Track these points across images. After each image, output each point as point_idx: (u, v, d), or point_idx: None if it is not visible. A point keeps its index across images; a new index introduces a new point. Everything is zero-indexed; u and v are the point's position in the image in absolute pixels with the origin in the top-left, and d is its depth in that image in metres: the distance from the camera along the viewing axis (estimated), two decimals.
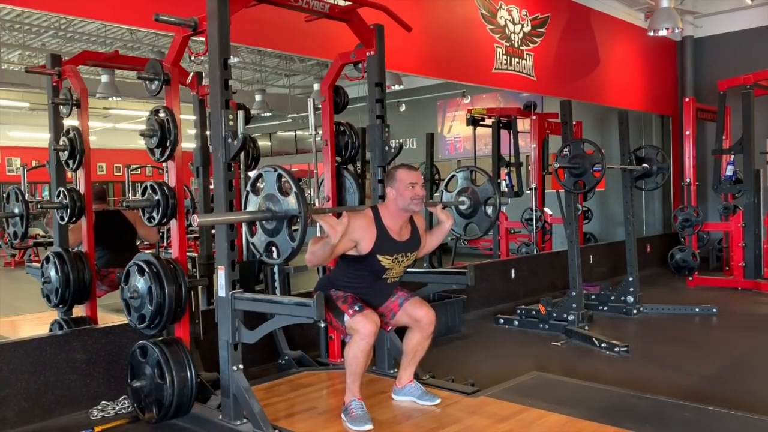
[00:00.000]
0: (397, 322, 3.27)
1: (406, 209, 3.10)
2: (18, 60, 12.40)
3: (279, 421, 3.02)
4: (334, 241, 2.84)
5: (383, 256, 3.07)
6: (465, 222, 4.02)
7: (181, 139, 3.36)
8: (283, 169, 2.79)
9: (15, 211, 4.15)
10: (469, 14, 6.55)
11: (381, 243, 3.05)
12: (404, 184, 3.07)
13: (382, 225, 3.09)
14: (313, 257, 2.95)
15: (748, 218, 7.08)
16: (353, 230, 2.98)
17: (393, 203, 3.11)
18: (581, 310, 5.20)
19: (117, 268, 4.67)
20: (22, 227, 4.11)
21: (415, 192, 3.07)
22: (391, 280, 3.18)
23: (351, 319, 2.95)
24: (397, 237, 3.12)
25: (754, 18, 9.20)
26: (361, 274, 3.12)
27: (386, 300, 3.24)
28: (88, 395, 3.52)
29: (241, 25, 3.32)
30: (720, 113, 7.51)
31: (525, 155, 9.32)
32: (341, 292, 3.10)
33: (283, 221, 2.79)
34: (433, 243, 3.39)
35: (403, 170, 3.11)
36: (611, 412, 3.09)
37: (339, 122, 4.18)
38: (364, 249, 3.03)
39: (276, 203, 2.80)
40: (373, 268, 3.09)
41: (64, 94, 4.15)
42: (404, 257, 3.16)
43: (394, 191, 3.09)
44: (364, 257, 3.05)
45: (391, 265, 3.11)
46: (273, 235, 2.83)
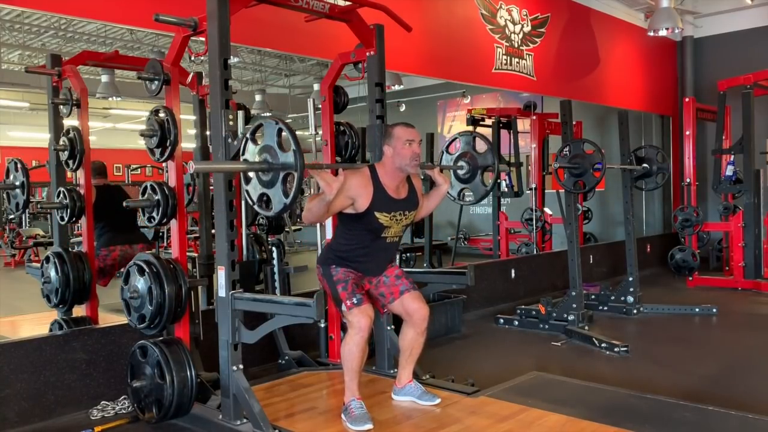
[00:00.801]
0: (392, 309, 3.27)
1: (403, 168, 3.08)
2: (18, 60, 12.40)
3: (279, 421, 3.02)
4: (329, 197, 2.83)
5: (381, 214, 3.05)
6: (461, 187, 3.97)
7: (181, 139, 3.36)
8: (284, 123, 2.74)
9: (16, 183, 4.15)
10: (469, 14, 6.55)
11: (378, 200, 3.04)
12: (401, 141, 3.05)
13: (378, 182, 3.07)
14: (310, 214, 2.93)
15: (748, 218, 7.08)
16: (350, 187, 2.97)
17: (390, 161, 3.09)
18: (581, 310, 5.20)
19: (117, 246, 4.63)
20: (24, 195, 4.11)
21: (413, 150, 3.05)
22: (390, 239, 3.16)
23: (348, 312, 2.97)
24: (394, 195, 3.10)
25: (754, 18, 9.20)
26: (359, 233, 3.10)
27: (390, 276, 3.21)
28: (88, 395, 3.52)
29: (241, 25, 3.32)
30: (720, 113, 7.51)
31: (525, 155, 9.32)
32: (342, 270, 3.08)
33: (278, 174, 2.73)
34: (430, 206, 3.38)
35: (401, 127, 3.10)
36: (611, 412, 3.09)
37: (339, 122, 4.18)
38: (361, 206, 3.01)
39: (273, 156, 2.74)
40: (371, 226, 3.06)
41: (64, 94, 4.15)
42: (402, 215, 3.13)
43: (391, 149, 3.07)
44: (362, 215, 3.03)
45: (389, 222, 3.09)
46: (268, 186, 2.77)
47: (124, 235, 4.66)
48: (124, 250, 4.63)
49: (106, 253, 4.59)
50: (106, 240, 4.59)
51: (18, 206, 4.19)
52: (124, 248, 4.63)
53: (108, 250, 4.60)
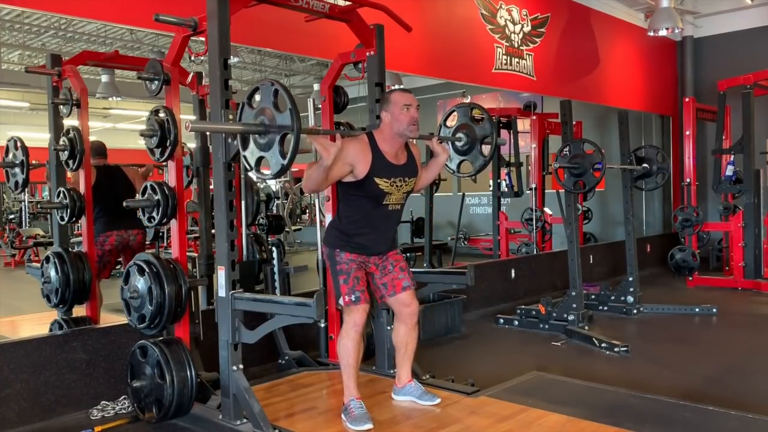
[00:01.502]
0: (389, 302, 3.26)
1: (401, 134, 3.07)
2: (18, 60, 12.40)
3: (279, 421, 3.02)
4: (327, 162, 2.82)
5: (381, 179, 3.03)
6: (460, 159, 3.95)
7: (181, 139, 3.36)
8: (280, 85, 2.73)
9: (15, 161, 4.15)
10: (469, 14, 6.55)
11: (377, 166, 3.02)
12: (399, 107, 3.04)
13: (377, 148, 3.06)
14: (309, 181, 2.92)
15: (748, 218, 7.08)
16: (347, 153, 2.96)
17: (388, 128, 3.08)
18: (581, 310, 5.20)
19: (114, 231, 4.62)
20: (23, 174, 4.11)
21: (411, 114, 3.04)
22: (392, 206, 3.14)
23: (345, 306, 3.00)
24: (394, 161, 3.09)
25: (754, 18, 9.20)
26: (361, 202, 3.08)
27: (395, 264, 3.20)
28: (88, 395, 3.52)
29: (241, 25, 3.32)
30: (720, 113, 7.51)
31: (525, 155, 9.32)
32: (345, 256, 3.07)
33: (275, 136, 2.72)
34: (429, 176, 3.38)
35: (398, 93, 3.09)
36: (611, 412, 3.09)
37: (339, 122, 4.18)
38: (361, 172, 3.00)
39: (270, 118, 2.73)
40: (371, 193, 3.05)
41: (64, 94, 4.15)
42: (402, 182, 3.12)
43: (389, 114, 3.07)
44: (361, 182, 3.02)
45: (390, 189, 3.07)
46: (265, 149, 2.77)
47: (121, 219, 4.63)
48: (120, 235, 4.63)
49: (104, 239, 4.56)
50: (102, 225, 4.55)
51: (17, 185, 4.19)
52: (121, 233, 4.63)
53: (105, 236, 4.58)
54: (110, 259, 4.67)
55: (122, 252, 4.73)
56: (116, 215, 4.58)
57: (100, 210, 4.48)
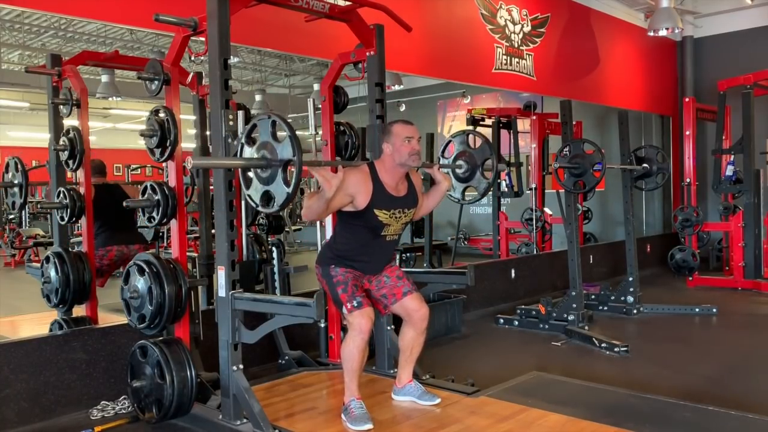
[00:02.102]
0: (394, 310, 3.26)
1: (403, 164, 3.08)
2: (18, 60, 12.40)
3: (279, 421, 3.02)
4: (329, 194, 2.83)
5: (380, 211, 3.04)
6: (463, 186, 3.97)
7: (181, 139, 3.36)
8: (277, 115, 2.73)
9: (14, 181, 4.15)
10: (469, 14, 6.55)
11: (377, 197, 3.03)
12: (400, 139, 3.05)
13: (378, 180, 3.07)
14: (309, 211, 2.93)
15: (748, 218, 7.08)
16: (349, 184, 2.96)
17: (389, 158, 3.09)
18: (581, 310, 5.20)
19: (115, 245, 4.62)
20: (21, 198, 4.11)
21: (412, 146, 3.05)
22: (389, 237, 3.15)
23: (349, 314, 2.97)
24: (394, 192, 3.10)
25: (754, 18, 9.19)
26: (359, 232, 3.09)
27: (392, 276, 3.21)
28: (88, 395, 3.51)
29: (241, 25, 3.32)
30: (720, 113, 7.51)
31: (525, 155, 9.32)
32: (341, 270, 3.07)
33: (278, 168, 2.73)
34: (430, 204, 3.38)
35: (400, 124, 3.10)
36: (611, 412, 3.09)
37: (339, 122, 4.18)
38: (361, 203, 3.01)
39: (271, 151, 2.74)
40: (370, 224, 3.06)
41: (64, 94, 4.15)
42: (402, 213, 3.13)
43: (390, 146, 3.07)
44: (361, 212, 3.03)
45: (389, 220, 3.09)
46: (268, 183, 2.78)
47: (122, 234, 4.65)
48: (120, 250, 4.63)
49: (103, 253, 4.56)
50: (103, 240, 4.57)
51: (14, 205, 4.19)
52: (121, 248, 4.63)
53: (105, 250, 4.58)
54: (109, 270, 4.70)
55: (122, 265, 4.74)
56: (117, 230, 4.63)
57: (100, 226, 4.50)
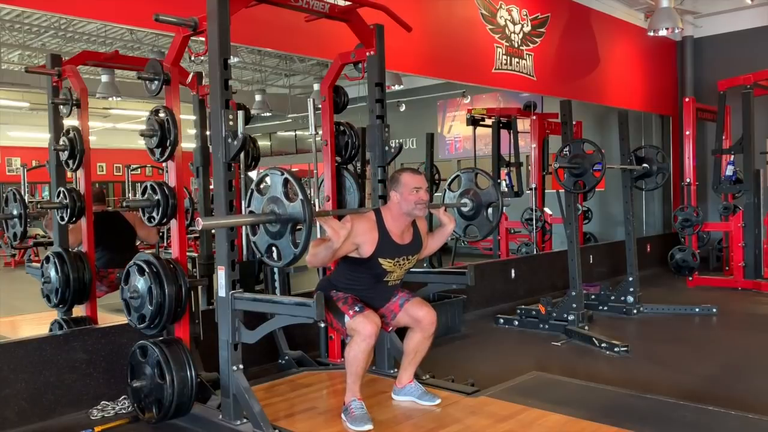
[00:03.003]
0: (398, 323, 3.27)
1: (410, 214, 3.10)
2: (18, 60, 12.39)
3: (279, 421, 3.02)
4: (336, 245, 2.84)
5: (385, 260, 3.07)
6: (465, 224, 3.99)
7: (181, 139, 3.36)
8: (290, 173, 2.75)
9: (14, 212, 4.15)
10: (469, 14, 6.54)
11: (383, 246, 3.05)
12: (408, 189, 3.06)
13: (384, 228, 3.08)
14: (315, 259, 2.94)
15: (748, 218, 7.08)
16: (356, 234, 2.98)
17: (396, 207, 3.10)
18: (581, 310, 5.20)
19: (116, 268, 4.66)
20: (21, 227, 4.11)
21: (420, 197, 3.07)
22: (392, 282, 3.19)
23: (351, 320, 2.95)
24: (399, 240, 3.12)
25: (754, 18, 9.20)
26: (361, 277, 3.11)
27: (387, 302, 3.24)
28: (88, 395, 3.51)
29: (241, 25, 3.32)
30: (720, 113, 7.51)
31: (525, 155, 9.32)
32: (341, 293, 3.09)
33: (286, 225, 2.76)
34: (434, 246, 3.39)
35: (408, 174, 3.11)
36: (611, 412, 3.09)
37: (339, 122, 4.18)
38: (366, 252, 3.03)
39: (281, 206, 2.77)
40: (374, 271, 3.09)
41: (64, 94, 4.15)
42: (405, 260, 3.16)
43: (398, 195, 3.08)
44: (365, 260, 3.05)
45: (393, 268, 3.11)
46: (276, 237, 2.82)
47: (122, 257, 4.70)
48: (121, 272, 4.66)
49: (104, 275, 4.65)
50: (104, 263, 4.66)
51: (16, 236, 4.18)
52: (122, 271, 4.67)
53: (106, 272, 4.67)
54: (108, 291, 4.74)
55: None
56: (117, 253, 4.69)
57: (101, 251, 4.56)
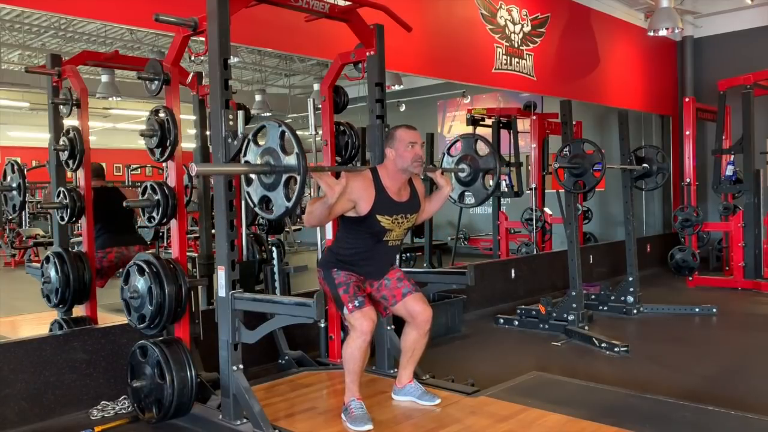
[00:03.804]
0: (395, 311, 3.26)
1: (405, 170, 3.08)
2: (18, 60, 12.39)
3: (279, 421, 3.02)
4: (331, 200, 2.83)
5: (383, 217, 3.05)
6: (462, 189, 3.96)
7: (181, 139, 3.36)
8: (288, 126, 2.74)
9: (12, 184, 4.15)
10: (469, 14, 6.54)
11: (380, 203, 3.04)
12: (404, 144, 3.05)
13: (380, 185, 3.07)
14: (311, 217, 2.93)
15: (748, 218, 7.08)
16: (351, 190, 2.97)
17: (392, 164, 3.09)
18: (581, 310, 5.20)
19: (114, 247, 4.62)
20: (21, 197, 4.11)
21: (415, 152, 3.06)
22: (392, 242, 3.16)
23: (350, 315, 2.97)
24: (396, 197, 3.10)
25: (754, 18, 9.20)
26: (361, 237, 3.10)
27: (392, 278, 3.21)
28: (88, 395, 3.51)
29: (241, 25, 3.32)
30: (720, 113, 7.51)
31: (525, 155, 9.32)
32: (343, 274, 3.07)
33: (281, 177, 2.73)
34: (431, 209, 3.38)
35: (403, 129, 3.10)
36: (611, 412, 3.09)
37: (339, 122, 4.18)
38: (363, 209, 3.01)
39: (276, 158, 2.74)
40: (373, 230, 3.07)
41: (64, 94, 4.15)
42: (404, 218, 3.13)
43: (393, 151, 3.08)
44: (363, 218, 3.03)
45: (391, 226, 3.09)
46: (269, 189, 2.78)
47: (121, 236, 4.66)
48: (120, 252, 4.63)
49: (103, 255, 4.57)
50: (102, 242, 4.57)
51: (15, 208, 4.19)
52: (121, 250, 4.64)
53: (104, 252, 4.58)
54: (108, 272, 4.69)
55: (122, 267, 4.74)
56: (116, 232, 4.64)
57: (100, 228, 4.50)
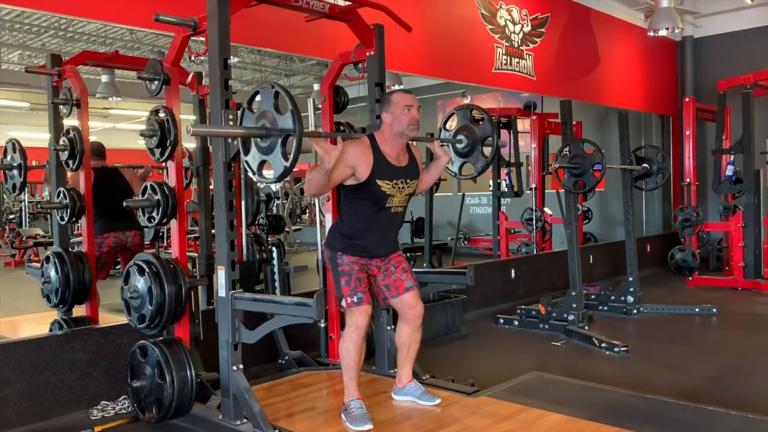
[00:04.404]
0: (393, 304, 3.25)
1: (402, 134, 3.08)
2: (18, 60, 12.40)
3: (279, 421, 3.02)
4: (329, 165, 2.83)
5: (383, 182, 3.04)
6: (461, 161, 3.96)
7: (181, 139, 3.36)
8: (281, 87, 2.74)
9: (13, 164, 4.15)
10: (469, 14, 6.55)
11: (379, 168, 3.03)
12: (400, 107, 3.05)
13: (378, 150, 3.06)
14: (311, 185, 2.92)
15: (748, 218, 7.08)
16: (349, 156, 2.96)
17: (389, 128, 3.09)
18: (581, 310, 5.20)
19: (111, 233, 4.63)
20: (21, 178, 4.11)
21: (411, 115, 3.05)
22: (394, 209, 3.13)
23: (348, 308, 2.99)
24: (395, 162, 3.10)
25: (754, 18, 9.20)
26: (363, 205, 3.08)
27: (398, 266, 3.19)
28: (88, 395, 3.51)
29: (241, 25, 3.32)
30: (720, 113, 7.51)
31: (525, 155, 9.32)
32: (347, 259, 3.06)
33: (277, 139, 2.72)
34: (430, 179, 3.38)
35: (399, 93, 3.10)
36: (611, 412, 3.09)
37: (339, 122, 4.18)
38: (363, 175, 3.00)
39: (271, 121, 2.74)
40: (374, 195, 3.05)
41: (64, 94, 4.15)
42: (404, 183, 3.12)
43: (390, 115, 3.07)
44: (364, 184, 3.02)
45: (392, 191, 3.08)
46: (267, 153, 2.78)
47: (118, 221, 4.66)
48: (117, 237, 4.64)
49: (101, 241, 4.56)
50: (99, 227, 4.53)
51: (15, 187, 4.19)
52: (118, 234, 4.64)
53: (102, 238, 4.58)
54: (108, 260, 4.68)
55: (120, 253, 4.74)
56: (114, 217, 4.61)
57: (97, 212, 4.46)
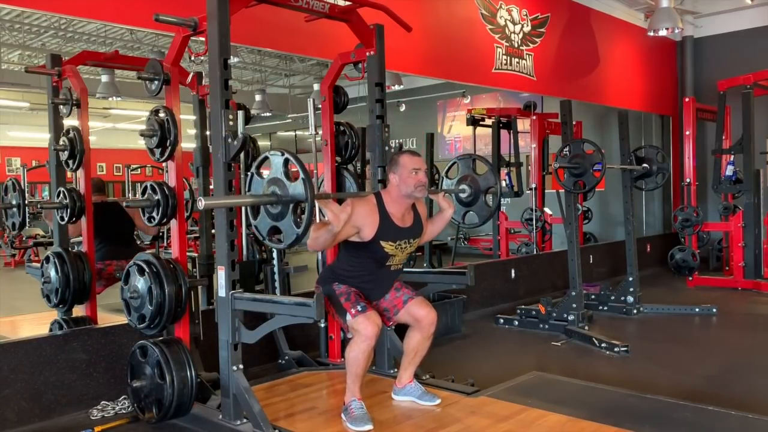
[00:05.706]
0: (399, 319, 3.26)
1: (409, 196, 3.10)
2: (18, 60, 12.39)
3: (279, 421, 3.02)
4: (336, 228, 2.84)
5: (386, 243, 3.06)
6: (464, 210, 3.99)
7: (181, 139, 3.36)
8: (291, 153, 2.75)
9: (13, 202, 4.15)
10: (469, 14, 6.54)
11: (384, 229, 3.05)
12: (407, 170, 3.06)
13: (384, 211, 3.08)
14: (315, 243, 2.92)
15: (748, 218, 7.08)
16: (356, 217, 2.97)
17: (395, 189, 3.10)
18: (581, 310, 5.20)
19: (114, 260, 4.67)
20: (20, 217, 4.12)
21: (419, 178, 3.07)
22: (394, 267, 3.17)
23: (353, 320, 2.95)
24: (400, 223, 3.11)
25: (754, 18, 9.19)
26: (363, 261, 3.10)
27: (390, 291, 3.22)
28: (88, 395, 3.52)
29: (241, 25, 3.32)
30: (720, 113, 7.50)
31: (525, 155, 9.31)
32: (344, 287, 3.08)
33: (288, 206, 2.74)
34: (434, 231, 3.39)
35: (407, 156, 3.11)
36: (611, 412, 3.09)
37: (339, 122, 4.18)
38: (367, 236, 3.02)
39: (282, 187, 2.75)
40: (376, 255, 3.08)
41: (64, 94, 4.15)
42: (407, 244, 3.15)
43: (397, 177, 3.09)
44: (366, 244, 3.04)
45: (394, 251, 3.10)
46: (277, 219, 2.80)
47: (121, 250, 4.74)
48: (120, 265, 4.67)
49: (102, 267, 4.65)
50: (102, 254, 4.64)
51: (15, 226, 4.19)
52: (120, 263, 4.67)
53: (104, 264, 4.66)
54: (107, 283, 4.74)
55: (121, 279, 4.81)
56: (117, 247, 4.72)
57: (100, 242, 4.54)
